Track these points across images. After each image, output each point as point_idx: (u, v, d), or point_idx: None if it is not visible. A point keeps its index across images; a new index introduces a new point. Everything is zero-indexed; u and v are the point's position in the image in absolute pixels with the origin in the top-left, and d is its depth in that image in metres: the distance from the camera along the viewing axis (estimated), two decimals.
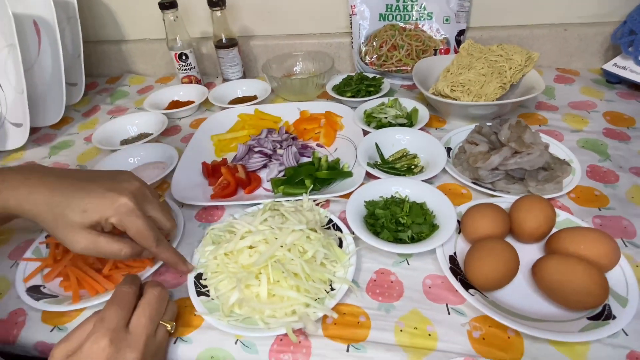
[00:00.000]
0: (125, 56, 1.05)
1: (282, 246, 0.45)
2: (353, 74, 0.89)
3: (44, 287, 0.48)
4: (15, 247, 0.56)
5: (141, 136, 0.79)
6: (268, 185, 0.64)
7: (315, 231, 0.48)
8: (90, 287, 0.47)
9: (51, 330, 0.45)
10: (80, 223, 0.40)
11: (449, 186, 0.60)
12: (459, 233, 0.51)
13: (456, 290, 0.44)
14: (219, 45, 0.89)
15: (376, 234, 0.49)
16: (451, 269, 0.45)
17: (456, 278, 0.44)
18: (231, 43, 0.89)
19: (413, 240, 0.48)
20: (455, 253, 0.48)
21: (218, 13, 0.85)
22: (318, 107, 0.81)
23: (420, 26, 0.89)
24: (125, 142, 0.78)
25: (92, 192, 0.42)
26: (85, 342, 0.35)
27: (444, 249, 0.47)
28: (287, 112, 0.81)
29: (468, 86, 0.72)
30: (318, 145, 0.73)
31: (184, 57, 0.90)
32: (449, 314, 0.43)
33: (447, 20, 0.88)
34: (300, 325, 0.40)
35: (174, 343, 0.42)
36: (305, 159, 0.69)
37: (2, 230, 0.59)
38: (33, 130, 0.81)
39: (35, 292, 0.47)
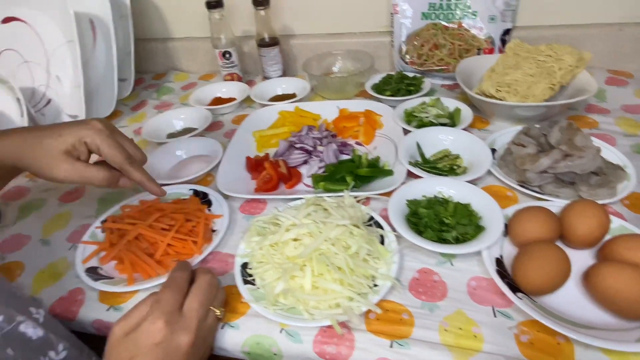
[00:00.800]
0: (170, 53, 1.09)
1: (326, 240, 0.45)
2: (393, 73, 0.88)
3: (101, 269, 0.51)
4: (73, 231, 0.60)
5: (186, 130, 0.82)
6: (308, 181, 0.65)
7: (358, 227, 0.48)
8: (143, 271, 0.49)
9: (107, 310, 0.47)
10: (57, 148, 0.43)
11: (494, 188, 0.58)
12: (504, 236, 0.49)
13: (502, 293, 0.43)
14: (262, 44, 0.91)
15: (419, 233, 0.49)
16: (498, 271, 0.44)
17: (503, 281, 0.43)
18: (273, 42, 0.91)
19: (458, 241, 0.48)
20: (501, 256, 0.47)
21: (262, 12, 0.87)
22: (357, 105, 0.81)
23: (463, 25, 0.87)
24: (171, 135, 0.81)
25: (63, 124, 0.46)
26: (143, 322, 0.37)
27: (490, 251, 0.46)
28: (327, 110, 0.82)
29: (515, 86, 0.70)
30: (357, 143, 0.73)
31: (227, 55, 0.93)
32: (495, 316, 0.42)
33: (492, 19, 0.86)
34: (344, 318, 0.40)
35: (222, 328, 0.44)
36: (345, 157, 0.69)
37: (60, 215, 0.63)
38: None
39: (93, 273, 0.50)
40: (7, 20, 0.83)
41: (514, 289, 0.43)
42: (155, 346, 0.36)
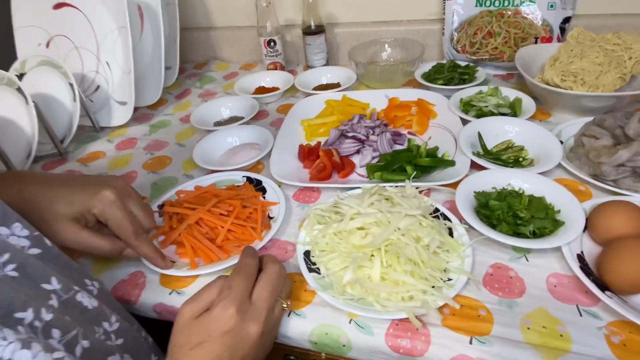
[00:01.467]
0: (212, 42, 1.09)
1: (395, 230, 0.43)
2: (443, 62, 0.85)
3: None
4: None
5: (232, 119, 0.81)
6: (361, 171, 0.63)
7: (427, 218, 0.46)
8: (205, 256, 0.48)
9: (170, 294, 0.47)
10: (64, 215, 0.43)
11: (565, 181, 0.55)
12: (583, 231, 0.46)
13: (587, 292, 0.40)
14: (307, 32, 0.90)
15: (492, 226, 0.47)
16: (581, 268, 0.41)
17: (589, 278, 0.40)
18: (319, 30, 0.89)
19: (534, 235, 0.45)
20: (582, 252, 0.44)
21: None
22: (408, 94, 0.78)
23: (521, 12, 0.83)
24: (218, 123, 0.80)
25: (77, 186, 0.45)
26: (214, 307, 0.36)
27: (571, 246, 0.43)
28: (375, 99, 0.79)
29: (582, 76, 0.66)
30: (410, 133, 0.71)
31: (272, 44, 0.91)
32: (580, 315, 0.39)
33: (552, 6, 0.81)
34: (422, 311, 0.38)
35: (288, 316, 0.43)
36: (398, 147, 0.67)
37: None
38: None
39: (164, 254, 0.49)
40: (58, 6, 0.84)
41: (601, 287, 0.40)
42: (225, 333, 0.35)
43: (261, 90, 0.91)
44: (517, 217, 0.47)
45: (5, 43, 0.89)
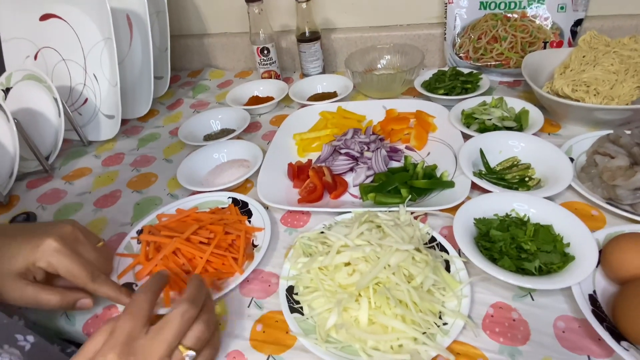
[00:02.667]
0: (207, 50, 1.06)
1: (385, 267, 0.39)
2: (444, 69, 0.80)
3: (136, 285, 0.47)
4: (107, 239, 0.57)
5: (223, 132, 0.78)
6: (354, 191, 0.59)
7: (420, 251, 0.42)
8: (180, 290, 0.45)
9: None
10: (8, 271, 0.39)
11: (575, 205, 0.50)
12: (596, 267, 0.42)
13: (599, 340, 0.36)
14: (302, 39, 0.86)
15: (493, 260, 0.42)
16: (594, 312, 0.37)
17: (602, 325, 0.36)
18: (314, 37, 0.85)
19: (540, 271, 0.41)
20: (595, 292, 0.39)
21: (304, 5, 0.81)
22: (406, 105, 0.74)
23: (528, 15, 0.78)
24: (208, 137, 0.77)
25: (18, 237, 0.41)
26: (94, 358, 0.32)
27: (582, 286, 0.39)
28: (372, 110, 0.75)
29: (594, 86, 0.61)
30: (407, 147, 0.66)
31: (265, 52, 0.88)
32: None
33: (562, 8, 0.76)
34: None
35: None
36: (395, 163, 0.63)
37: (95, 222, 0.61)
38: (121, 121, 0.83)
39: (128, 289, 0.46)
40: (44, 17, 0.81)
41: (616, 336, 0.35)
42: None
43: (255, 99, 0.87)
44: (521, 249, 0.42)
45: None
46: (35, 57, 0.85)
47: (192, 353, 0.34)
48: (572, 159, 0.56)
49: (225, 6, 0.99)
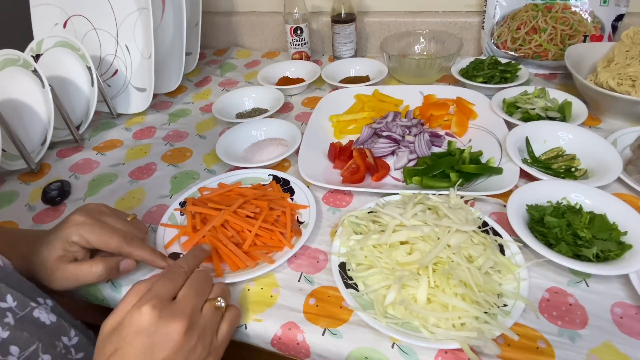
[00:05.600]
0: (234, 28, 1.04)
1: (446, 247, 0.39)
2: (482, 57, 0.79)
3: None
4: (147, 211, 0.56)
5: (255, 111, 0.77)
6: (396, 174, 0.59)
7: (478, 234, 0.42)
8: (231, 262, 0.45)
9: None
10: (50, 257, 0.40)
11: (624, 197, 0.50)
12: None
13: None
14: (337, 20, 0.84)
15: (548, 245, 0.42)
16: None
17: None
18: (350, 18, 0.84)
19: (597, 258, 0.41)
20: None
21: None
22: (444, 91, 0.73)
23: (570, 7, 0.77)
24: (240, 115, 0.76)
25: (52, 229, 0.43)
26: (129, 311, 0.33)
27: (639, 273, 0.39)
28: (409, 95, 0.74)
29: None
30: (447, 134, 0.66)
31: (299, 32, 0.86)
32: None
33: (605, 2, 0.75)
34: (478, 342, 0.34)
35: (323, 335, 0.39)
36: (436, 149, 0.62)
37: (133, 192, 0.60)
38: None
39: (176, 259, 0.46)
40: None
41: None
42: (138, 333, 0.31)
43: (285, 80, 0.86)
44: (577, 236, 0.42)
45: (22, 22, 0.85)
46: (65, 25, 0.84)
47: (222, 300, 0.36)
48: None
49: None
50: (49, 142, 0.67)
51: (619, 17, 0.76)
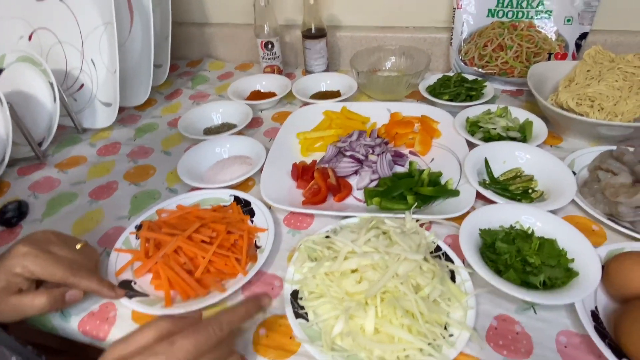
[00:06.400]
0: (207, 40, 1.03)
1: (393, 277, 0.39)
2: (449, 74, 0.80)
3: (135, 283, 0.46)
4: (104, 233, 0.55)
5: (224, 126, 0.76)
6: (358, 194, 0.59)
7: (427, 261, 0.42)
8: (182, 291, 0.44)
9: None
10: None
11: (576, 219, 0.51)
12: None
13: (600, 356, 0.36)
14: (307, 35, 0.84)
15: (498, 271, 0.43)
16: (596, 328, 0.37)
17: (604, 342, 0.36)
18: (320, 33, 0.84)
19: (544, 286, 0.41)
20: (596, 308, 0.40)
21: (311, 0, 0.80)
22: (410, 109, 0.74)
23: (535, 26, 0.78)
24: (208, 130, 0.76)
25: None
26: (142, 353, 0.31)
27: (585, 302, 0.40)
28: (376, 112, 0.75)
29: (599, 101, 0.62)
30: (411, 152, 0.66)
31: (269, 46, 0.86)
32: None
33: (568, 20, 0.77)
34: None
35: None
36: (399, 168, 0.63)
37: (91, 214, 0.59)
38: (118, 109, 0.81)
39: (126, 287, 0.45)
40: None
41: (618, 353, 0.36)
42: None
43: (256, 94, 0.86)
44: (526, 262, 0.43)
45: None
46: (30, 38, 0.82)
47: None
48: (574, 172, 0.57)
49: None
50: (7, 160, 0.65)
51: (583, 36, 0.77)
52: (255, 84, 0.88)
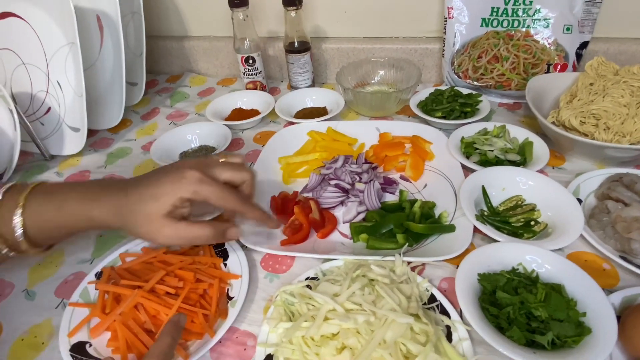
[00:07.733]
0: (187, 54, 0.98)
1: (380, 344, 0.34)
2: (442, 88, 0.75)
3: (90, 346, 0.41)
4: (63, 280, 0.50)
5: (202, 149, 0.71)
6: (344, 228, 0.53)
7: (420, 319, 0.37)
8: (139, 354, 0.39)
9: None
10: (156, 213, 0.39)
11: (585, 256, 0.46)
12: None
13: None
14: (290, 50, 0.79)
15: (499, 328, 0.37)
16: None
17: None
18: (304, 47, 0.79)
19: (554, 345, 0.36)
20: None
21: (293, 13, 0.75)
22: (401, 128, 0.69)
23: (532, 35, 0.73)
24: (185, 154, 0.70)
25: (160, 179, 0.40)
26: None
27: None
28: (364, 132, 0.69)
29: (604, 119, 0.57)
30: (402, 177, 0.61)
31: (250, 61, 0.81)
32: None
33: (568, 29, 0.72)
34: None
35: None
36: (389, 196, 0.57)
37: (50, 256, 0.53)
38: (91, 132, 0.76)
39: (80, 352, 0.40)
40: (3, 15, 0.73)
41: None
42: None
43: (238, 113, 0.80)
44: (531, 315, 0.38)
45: None
46: None
47: None
48: (579, 200, 0.52)
49: (208, 8, 0.91)
50: None
51: (584, 45, 0.72)
52: (236, 102, 0.82)
